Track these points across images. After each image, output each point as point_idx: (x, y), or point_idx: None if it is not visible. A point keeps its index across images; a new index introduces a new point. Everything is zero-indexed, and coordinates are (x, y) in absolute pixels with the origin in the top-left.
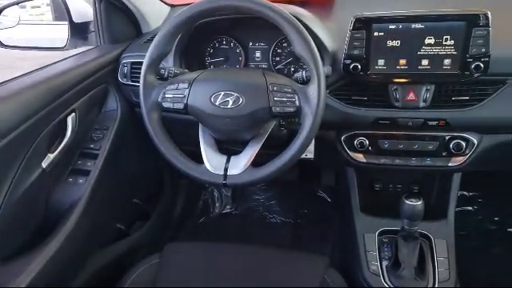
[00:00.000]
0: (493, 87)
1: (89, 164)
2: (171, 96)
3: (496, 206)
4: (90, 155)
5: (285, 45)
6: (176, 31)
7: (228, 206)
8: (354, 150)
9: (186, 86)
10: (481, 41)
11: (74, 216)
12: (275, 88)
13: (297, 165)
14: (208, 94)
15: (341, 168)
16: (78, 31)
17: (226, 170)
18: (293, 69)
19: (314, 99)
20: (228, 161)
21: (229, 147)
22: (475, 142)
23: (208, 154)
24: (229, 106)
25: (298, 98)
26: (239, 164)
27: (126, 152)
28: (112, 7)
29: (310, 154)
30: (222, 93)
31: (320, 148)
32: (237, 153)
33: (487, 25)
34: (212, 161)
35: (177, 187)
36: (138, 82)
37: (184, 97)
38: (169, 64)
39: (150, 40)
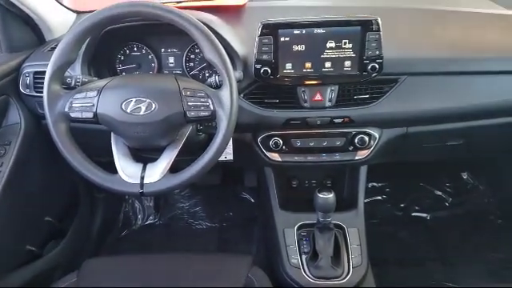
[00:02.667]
0: (388, 85)
1: None
2: (79, 105)
3: (401, 193)
4: None
5: (197, 50)
6: (80, 38)
7: (151, 217)
8: (270, 149)
9: (94, 94)
10: (374, 44)
11: None
12: (188, 93)
13: (219, 168)
14: (118, 101)
15: (260, 168)
16: None
17: (142, 178)
18: (207, 74)
19: (227, 103)
20: (144, 169)
21: (145, 155)
22: (377, 136)
23: (122, 163)
24: (141, 113)
25: (212, 102)
26: (156, 171)
27: (33, 167)
28: (10, 14)
29: (229, 156)
30: (134, 99)
31: (238, 150)
32: (153, 160)
33: (378, 29)
34: (127, 170)
35: (94, 201)
36: (42, 92)
37: (93, 105)
38: (76, 72)
39: (55, 48)
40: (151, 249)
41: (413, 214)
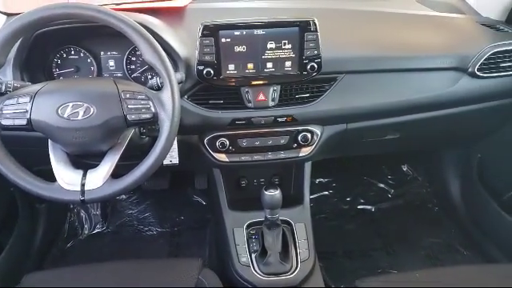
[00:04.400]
0: (327, 84)
1: None
2: (11, 112)
3: (347, 188)
4: None
5: (139, 53)
6: (9, 41)
7: (98, 226)
8: (217, 150)
9: (27, 99)
10: (312, 44)
11: None
12: (128, 95)
13: (167, 172)
14: (54, 106)
15: (208, 170)
16: None
17: (83, 185)
18: (150, 76)
19: (168, 104)
20: (85, 175)
21: (85, 161)
22: (318, 133)
23: (61, 170)
24: (79, 118)
25: (153, 104)
26: (97, 177)
27: None
28: None
29: (174, 159)
30: (71, 104)
31: (185, 152)
32: (94, 166)
33: (316, 30)
34: (66, 177)
35: (35, 212)
36: None
37: (26, 111)
38: (7, 78)
39: None
40: (100, 259)
41: (358, 207)
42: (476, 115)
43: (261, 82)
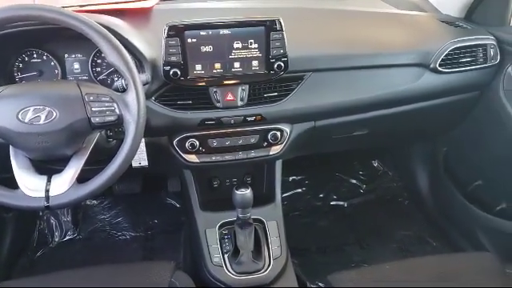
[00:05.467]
0: (295, 83)
1: None
2: None
3: (320, 184)
4: None
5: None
6: None
7: (69, 232)
8: (187, 151)
9: None
10: (278, 43)
11: None
12: (92, 98)
13: (139, 175)
14: (14, 111)
15: (179, 171)
16: None
17: (47, 191)
18: (116, 78)
19: (133, 106)
20: (49, 181)
21: (50, 166)
22: (288, 131)
23: (23, 177)
24: (41, 122)
25: (118, 106)
26: (62, 182)
27: None
28: None
29: (143, 161)
30: (32, 108)
31: (154, 154)
32: (59, 171)
33: (281, 29)
34: (29, 184)
35: (1, 222)
36: None
37: None
38: None
39: None
40: (72, 267)
41: (331, 203)
42: (440, 109)
43: (229, 82)
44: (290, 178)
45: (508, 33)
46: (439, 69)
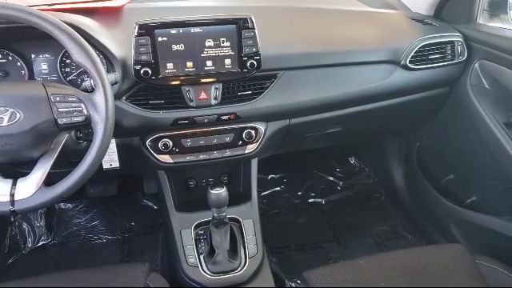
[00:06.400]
0: (268, 81)
1: None
2: None
3: (298, 182)
4: None
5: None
6: None
7: (43, 238)
8: (160, 152)
9: None
10: (250, 41)
11: None
12: (58, 98)
13: (114, 178)
14: None
15: (153, 172)
16: None
17: (12, 195)
18: (86, 79)
19: (101, 106)
20: (14, 184)
21: (17, 169)
22: (262, 129)
23: None
24: (4, 124)
25: (86, 106)
26: (29, 186)
27: None
28: None
29: (114, 162)
30: None
31: (127, 155)
32: (25, 174)
33: (253, 27)
34: None
35: None
36: None
37: None
38: None
39: None
40: (45, 273)
41: (309, 201)
42: (411, 106)
43: (202, 81)
44: (269, 177)
45: (474, 30)
46: (409, 65)
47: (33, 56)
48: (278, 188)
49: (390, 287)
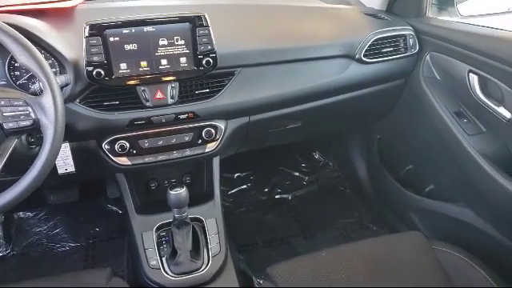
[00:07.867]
0: (226, 78)
1: None
2: None
3: (264, 179)
4: None
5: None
6: None
7: (1, 249)
8: (117, 154)
9: None
10: (205, 39)
11: None
12: (3, 102)
13: (75, 183)
14: None
15: (112, 175)
16: None
17: None
18: (37, 82)
19: (50, 109)
20: None
21: None
22: (222, 127)
23: None
24: None
25: (33, 110)
26: None
27: None
28: None
29: (69, 167)
30: None
31: (83, 159)
32: None
33: (207, 25)
34: None
35: None
36: None
37: None
38: None
39: None
40: (6, 283)
41: (276, 197)
42: (368, 99)
43: (156, 80)
44: (235, 175)
45: (424, 23)
46: (364, 59)
47: None
48: (245, 186)
49: (350, 277)
